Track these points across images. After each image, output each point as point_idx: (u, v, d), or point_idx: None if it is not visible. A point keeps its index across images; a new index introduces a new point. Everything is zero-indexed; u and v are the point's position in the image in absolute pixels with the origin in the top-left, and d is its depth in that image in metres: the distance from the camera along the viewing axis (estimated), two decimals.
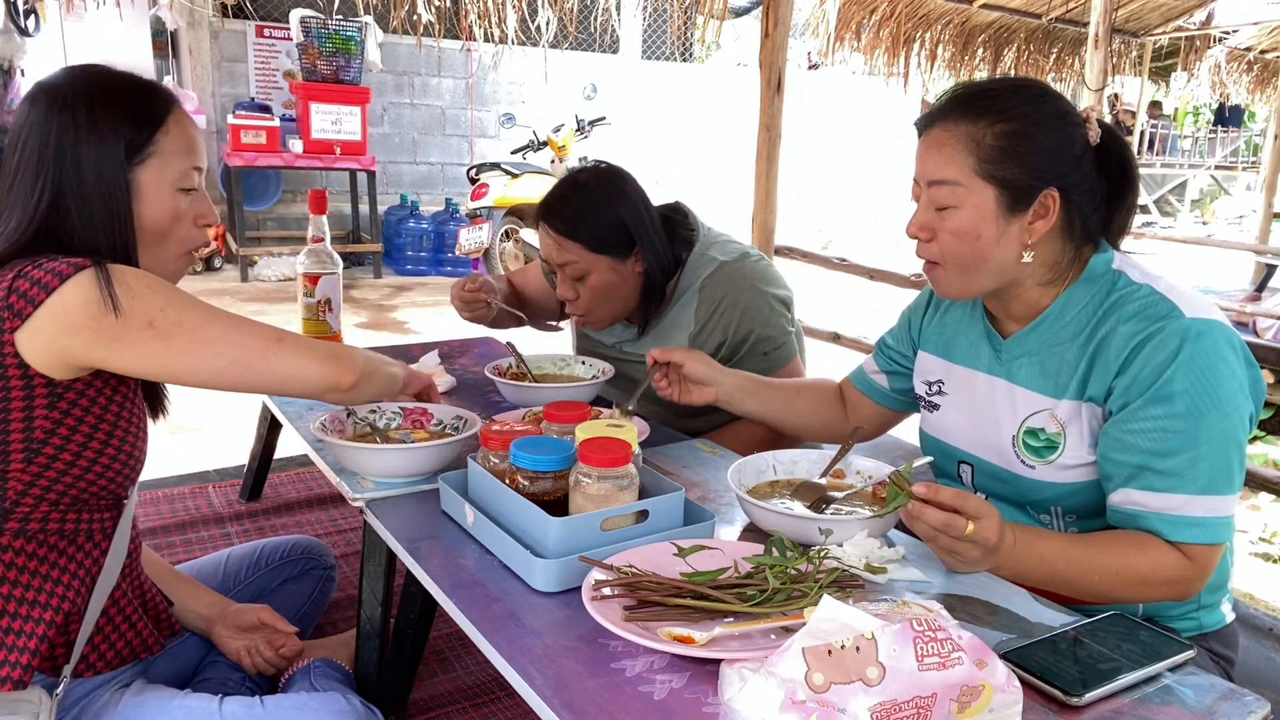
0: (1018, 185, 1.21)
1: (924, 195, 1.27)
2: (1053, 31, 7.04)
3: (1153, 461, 1.16)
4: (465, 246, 2.32)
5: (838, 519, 1.20)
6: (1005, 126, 1.20)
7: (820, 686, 0.79)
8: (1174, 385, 1.14)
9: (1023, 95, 1.23)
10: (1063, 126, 1.22)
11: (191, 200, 1.26)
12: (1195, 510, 1.14)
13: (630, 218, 1.83)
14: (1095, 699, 0.92)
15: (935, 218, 1.26)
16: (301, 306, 1.99)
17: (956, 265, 1.26)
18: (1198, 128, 17.68)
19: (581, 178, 1.88)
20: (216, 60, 7.46)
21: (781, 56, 4.08)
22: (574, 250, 1.82)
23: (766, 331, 1.88)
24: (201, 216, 1.28)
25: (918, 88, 7.85)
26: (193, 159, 1.26)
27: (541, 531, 1.12)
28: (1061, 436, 1.25)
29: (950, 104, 1.26)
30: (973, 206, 1.22)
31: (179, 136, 1.24)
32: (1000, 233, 1.22)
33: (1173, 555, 1.15)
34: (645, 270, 1.88)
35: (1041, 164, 1.21)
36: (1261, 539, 3.46)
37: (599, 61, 9.04)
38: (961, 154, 1.22)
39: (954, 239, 1.24)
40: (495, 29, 5.05)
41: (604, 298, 1.87)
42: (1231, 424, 1.14)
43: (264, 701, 1.24)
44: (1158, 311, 1.18)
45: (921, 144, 1.28)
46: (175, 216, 1.24)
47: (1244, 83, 8.80)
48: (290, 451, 2.67)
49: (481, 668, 1.81)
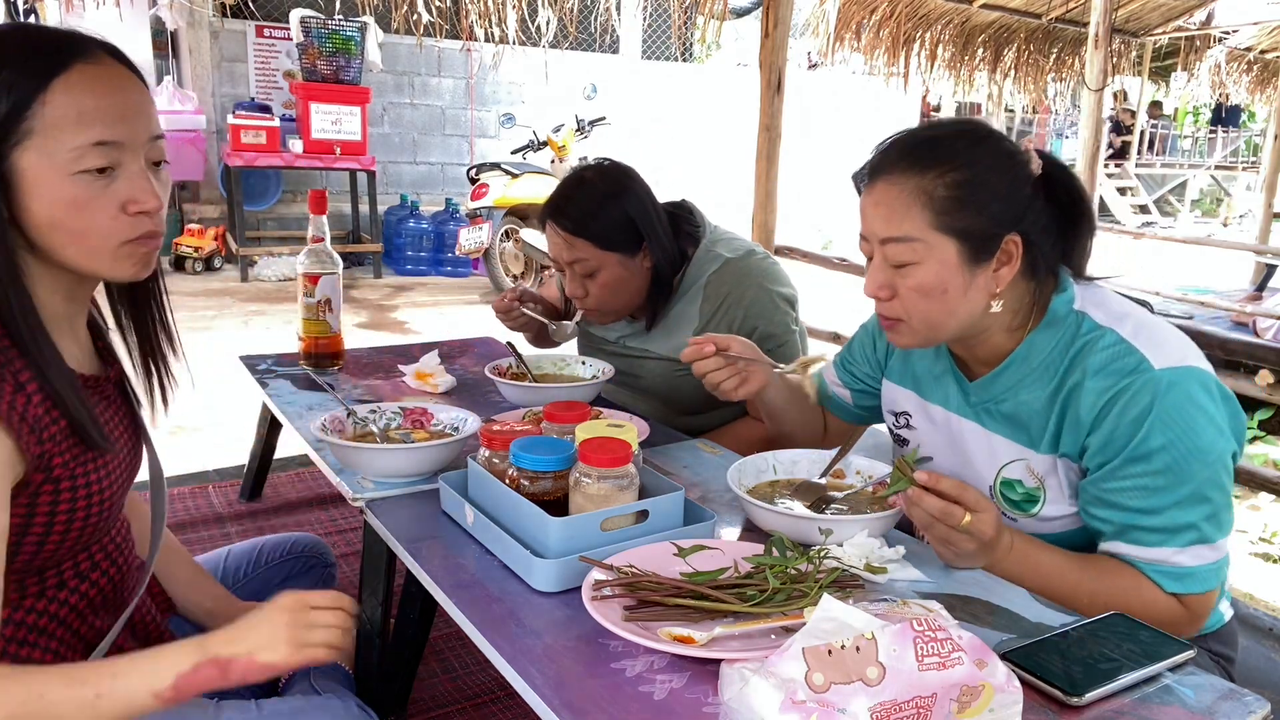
0: (979, 234, 1.16)
1: (877, 253, 1.22)
2: (1053, 31, 7.04)
3: (1139, 519, 1.15)
4: (465, 246, 2.33)
5: (838, 519, 1.20)
6: (956, 175, 1.16)
7: (820, 686, 0.79)
8: (1151, 442, 1.12)
9: (968, 139, 1.19)
10: (1013, 167, 1.18)
11: (107, 184, 0.99)
12: (1186, 561, 1.14)
13: (637, 214, 1.84)
14: (1095, 699, 0.92)
15: (894, 275, 1.21)
16: (301, 306, 1.99)
17: (923, 321, 1.22)
18: (1198, 128, 17.68)
19: (587, 175, 1.89)
20: (216, 60, 7.46)
21: (781, 56, 4.09)
22: (583, 248, 1.82)
23: (771, 329, 1.88)
24: (133, 202, 1.01)
25: (918, 87, 7.86)
26: (87, 133, 0.97)
27: (541, 531, 1.12)
28: (1041, 490, 1.24)
29: (894, 156, 1.21)
30: (935, 261, 1.17)
31: (67, 104, 0.96)
32: (967, 284, 1.18)
33: (1166, 600, 1.15)
34: (653, 266, 1.88)
35: (999, 210, 1.17)
36: (1261, 539, 3.46)
37: (599, 61, 9.04)
38: (915, 208, 1.17)
39: (918, 296, 1.19)
40: (495, 29, 5.05)
41: (613, 294, 1.87)
42: (1214, 470, 1.13)
43: (261, 706, 1.24)
44: (1126, 365, 1.15)
45: (867, 199, 1.23)
46: (74, 206, 0.98)
47: (1244, 83, 8.80)
48: (290, 451, 2.67)
49: (481, 668, 1.81)
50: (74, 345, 1.10)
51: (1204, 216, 15.96)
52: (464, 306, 6.41)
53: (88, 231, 0.99)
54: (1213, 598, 1.17)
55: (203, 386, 4.18)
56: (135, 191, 1.01)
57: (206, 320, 5.52)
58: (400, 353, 2.26)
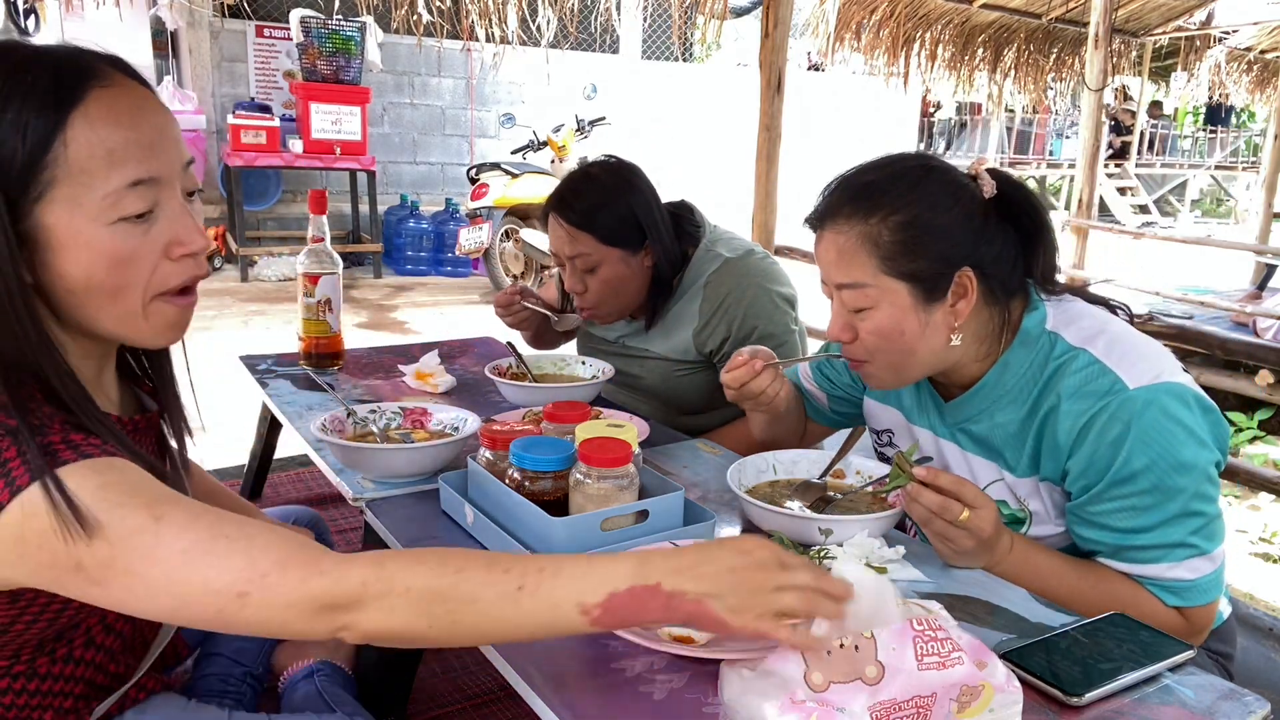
0: (928, 275, 1.16)
1: (835, 298, 1.23)
2: (1053, 31, 7.04)
3: (1130, 539, 1.15)
4: (465, 246, 2.34)
5: (838, 519, 1.20)
6: (899, 218, 1.16)
7: (820, 686, 0.79)
8: (1133, 464, 1.11)
9: (907, 181, 1.18)
10: (956, 203, 1.17)
11: (150, 227, 0.86)
12: (1184, 575, 1.14)
13: (641, 211, 1.84)
14: (1095, 699, 0.92)
15: (853, 319, 1.22)
16: (301, 306, 1.99)
17: (886, 363, 1.22)
18: (1198, 128, 17.68)
19: (593, 170, 1.89)
20: (216, 60, 7.46)
21: (781, 56, 4.09)
22: (585, 242, 1.82)
23: (770, 329, 1.88)
24: (178, 244, 0.88)
25: (918, 87, 7.86)
26: (121, 172, 0.83)
27: (542, 531, 1.12)
28: (1026, 512, 1.25)
29: (838, 201, 1.21)
30: (889, 304, 1.18)
31: (93, 141, 0.82)
32: (924, 324, 1.18)
33: (1166, 613, 1.16)
34: (654, 264, 1.88)
35: (947, 248, 1.16)
36: (1261, 539, 3.46)
37: (599, 61, 9.04)
38: (862, 255, 1.17)
39: (877, 339, 1.20)
40: (495, 29, 5.05)
41: (613, 291, 1.87)
42: (1199, 483, 1.13)
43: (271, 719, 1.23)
44: (1099, 386, 1.14)
45: (818, 245, 1.23)
46: (116, 262, 0.85)
47: (1244, 83, 8.81)
48: (290, 451, 2.67)
49: (481, 668, 1.81)
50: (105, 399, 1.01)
51: (1204, 216, 15.96)
52: (464, 306, 6.41)
53: (128, 288, 0.87)
54: (1214, 609, 1.17)
55: (203, 387, 4.18)
56: (179, 232, 0.88)
57: (206, 320, 5.52)
58: (400, 353, 2.26)
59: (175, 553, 0.79)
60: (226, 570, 0.80)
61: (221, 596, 0.80)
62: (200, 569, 0.79)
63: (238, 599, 0.80)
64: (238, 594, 0.79)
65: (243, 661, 1.50)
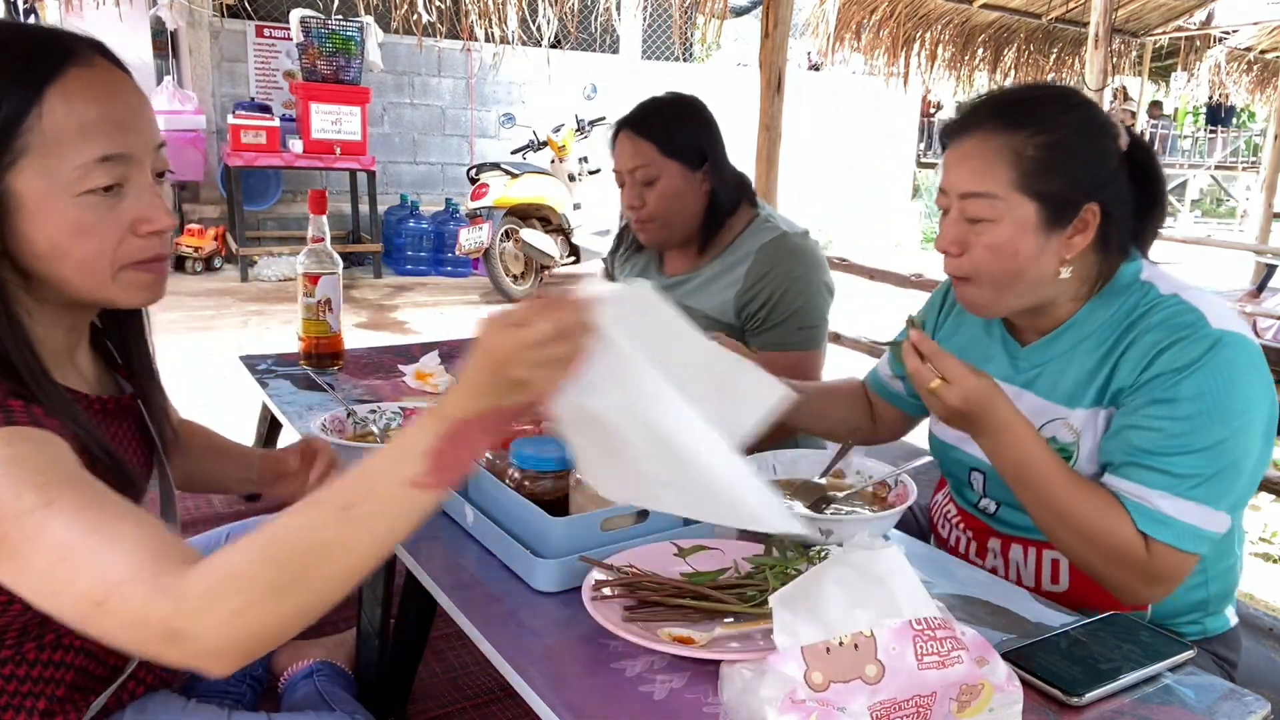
0: (1059, 200, 1.17)
1: (954, 207, 1.22)
2: (1053, 31, 7.04)
3: (1139, 457, 1.13)
4: (465, 246, 2.34)
5: (838, 519, 1.20)
6: (1047, 138, 1.16)
7: (820, 685, 0.79)
8: (1183, 390, 1.11)
9: (1063, 104, 1.20)
10: (1102, 138, 1.19)
11: (115, 203, 0.90)
12: (1165, 508, 1.11)
13: (703, 135, 1.94)
14: (1095, 699, 0.92)
15: (968, 231, 1.21)
16: (301, 306, 1.99)
17: (990, 281, 1.22)
18: (1198, 128, 17.68)
19: (663, 96, 2.01)
20: (216, 60, 7.46)
21: (781, 56, 4.08)
22: (647, 152, 1.89)
23: (809, 313, 1.90)
24: (144, 221, 0.91)
25: (918, 87, 7.86)
26: (92, 147, 0.87)
27: (542, 531, 1.12)
28: (1075, 445, 1.23)
29: (986, 113, 1.22)
30: (1011, 221, 1.17)
31: (67, 115, 0.86)
32: (1039, 249, 1.18)
33: (1130, 534, 1.12)
34: (711, 191, 1.93)
35: (1084, 177, 1.17)
36: (1261, 539, 3.46)
37: (599, 61, 9.04)
38: (1001, 166, 1.17)
39: (989, 254, 1.19)
40: (496, 29, 5.05)
41: (668, 207, 1.91)
42: (1235, 439, 1.11)
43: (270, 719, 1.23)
44: (1183, 320, 1.15)
45: (952, 153, 1.23)
46: (80, 231, 0.88)
47: (1244, 83, 8.81)
48: None
49: (481, 668, 1.81)
50: (77, 375, 1.03)
51: (1204, 216, 15.96)
52: (464, 306, 6.41)
53: (95, 257, 0.90)
54: (1182, 564, 1.12)
55: (203, 386, 4.17)
56: (145, 209, 0.91)
57: (206, 320, 5.52)
58: (400, 353, 2.26)
59: (55, 544, 0.77)
60: (90, 573, 0.76)
61: (84, 600, 0.77)
62: (70, 566, 0.77)
63: (96, 607, 0.76)
64: (96, 602, 0.76)
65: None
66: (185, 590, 0.76)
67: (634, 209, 1.93)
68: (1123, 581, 1.14)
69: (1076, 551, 1.17)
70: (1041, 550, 1.30)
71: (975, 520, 1.39)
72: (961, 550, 1.41)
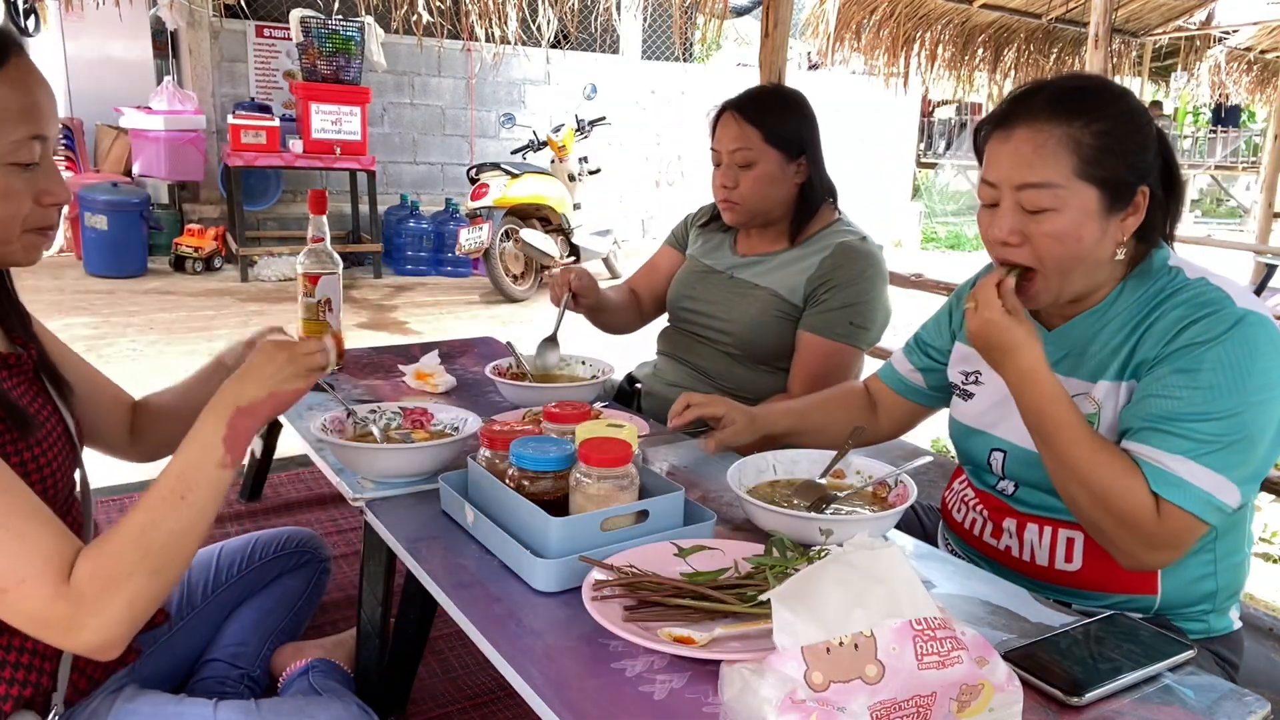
0: (1118, 184, 1.20)
1: (1007, 199, 1.23)
2: (1053, 31, 7.04)
3: (1157, 423, 1.15)
4: (465, 246, 2.34)
5: (838, 519, 1.20)
6: (1102, 125, 1.19)
7: (820, 685, 0.79)
8: (1203, 361, 1.14)
9: (1110, 93, 1.24)
10: (1146, 124, 1.23)
11: (29, 176, 1.03)
12: (1178, 470, 1.13)
13: (805, 130, 2.00)
14: (1095, 699, 0.92)
15: (1027, 221, 1.22)
16: (301, 307, 1.99)
17: (1055, 269, 1.23)
18: (1198, 128, 17.67)
19: (771, 86, 2.13)
20: (216, 60, 7.46)
21: (781, 56, 4.08)
22: (750, 136, 1.96)
23: (864, 313, 1.95)
24: (48, 194, 1.06)
25: (917, 88, 7.86)
26: (28, 126, 1.01)
27: (541, 531, 1.12)
28: (1097, 416, 1.25)
29: (1039, 103, 1.23)
30: (1075, 208, 1.20)
31: (10, 98, 0.99)
32: (1101, 232, 1.21)
33: (1143, 497, 1.13)
34: (804, 184, 2.01)
35: (1139, 161, 1.21)
36: (1262, 539, 3.46)
37: (599, 61, 9.04)
38: (1062, 155, 1.19)
39: (1053, 242, 1.21)
40: (496, 29, 5.05)
41: (761, 191, 1.98)
42: (1252, 413, 1.12)
43: (260, 706, 1.23)
44: (1208, 299, 1.19)
45: (1003, 145, 1.24)
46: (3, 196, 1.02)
47: (1244, 83, 8.81)
48: (290, 451, 2.67)
49: (481, 668, 1.81)
50: None
51: (1205, 216, 15.95)
52: (464, 306, 6.41)
53: (8, 220, 1.03)
54: (1190, 530, 1.14)
55: None
56: (52, 184, 1.06)
57: (206, 320, 5.52)
58: (400, 353, 2.26)
59: None
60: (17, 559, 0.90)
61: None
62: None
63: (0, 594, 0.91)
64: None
65: (239, 664, 1.51)
66: (81, 595, 0.92)
67: (726, 189, 2.00)
68: (1129, 544, 1.16)
69: (1087, 511, 1.18)
70: (1057, 529, 1.31)
71: (993, 499, 1.40)
72: (976, 532, 1.42)
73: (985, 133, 1.29)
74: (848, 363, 1.96)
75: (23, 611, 0.92)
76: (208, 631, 1.55)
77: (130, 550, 0.96)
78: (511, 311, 6.27)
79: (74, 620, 0.92)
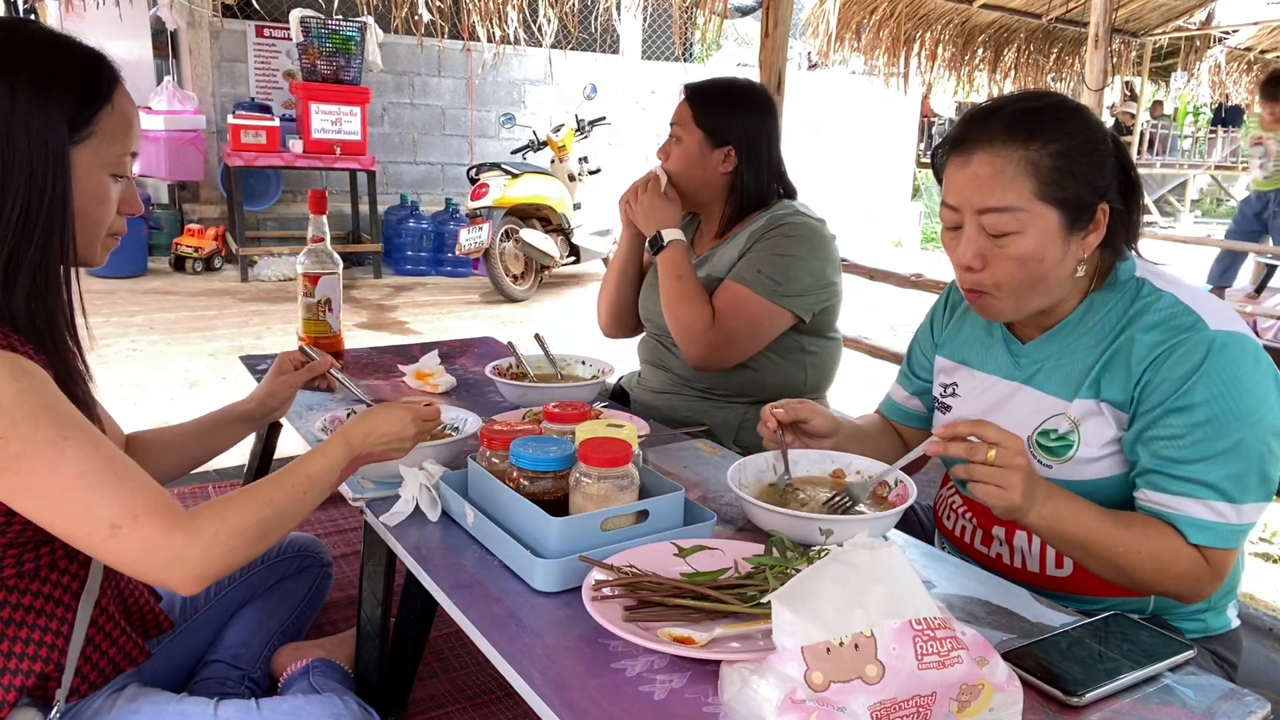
0: (1079, 204, 1.20)
1: (970, 223, 1.23)
2: (1053, 31, 7.05)
3: (1167, 467, 1.17)
4: (465, 246, 2.34)
5: (838, 519, 1.20)
6: (1058, 146, 1.19)
7: (820, 685, 0.79)
8: (1194, 396, 1.15)
9: (1063, 111, 1.23)
10: (1102, 140, 1.23)
11: (118, 187, 1.16)
12: (1205, 515, 1.15)
13: (742, 124, 2.00)
14: (1095, 699, 0.92)
15: (989, 245, 1.23)
16: (301, 307, 1.99)
17: (1014, 290, 1.24)
18: (1198, 128, 17.67)
19: (739, 80, 2.10)
20: (216, 60, 7.46)
21: (781, 56, 4.08)
22: (684, 113, 2.02)
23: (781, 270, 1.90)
24: (127, 204, 1.19)
25: (918, 88, 7.86)
26: (130, 143, 1.15)
27: (541, 531, 1.12)
28: (1075, 434, 1.26)
29: (995, 127, 1.22)
30: (1037, 230, 1.20)
31: (120, 117, 1.12)
32: (1062, 253, 1.22)
33: (1189, 551, 1.16)
34: (731, 175, 2.01)
35: (1097, 179, 1.21)
36: (1261, 539, 3.46)
37: (599, 61, 9.03)
38: (1021, 179, 1.19)
39: (1015, 265, 1.21)
40: (496, 29, 5.05)
41: (682, 168, 2.02)
42: (1254, 432, 1.14)
43: (260, 704, 1.24)
44: (1182, 323, 1.19)
45: (961, 171, 1.23)
46: (100, 200, 1.13)
47: (1244, 83, 8.81)
48: (290, 451, 2.67)
49: (481, 668, 1.81)
50: None
51: (1205, 216, 15.94)
52: (464, 306, 6.41)
53: (99, 223, 1.15)
54: (1232, 557, 1.18)
55: (203, 386, 4.17)
56: (130, 197, 1.20)
57: (207, 320, 5.52)
58: (400, 353, 2.26)
59: (74, 474, 0.97)
60: (110, 502, 0.98)
61: (99, 523, 0.98)
62: (88, 494, 0.98)
63: (110, 529, 0.98)
64: (111, 525, 0.98)
65: (240, 665, 1.51)
66: (198, 529, 1.02)
67: (662, 158, 2.06)
68: (1193, 592, 1.19)
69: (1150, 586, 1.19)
70: None
71: (980, 507, 1.40)
72: (967, 540, 1.41)
73: (943, 154, 1.28)
74: (753, 312, 1.89)
75: (136, 543, 0.98)
76: (209, 634, 1.55)
77: (253, 512, 1.07)
78: (511, 311, 6.26)
79: (184, 552, 1.00)
